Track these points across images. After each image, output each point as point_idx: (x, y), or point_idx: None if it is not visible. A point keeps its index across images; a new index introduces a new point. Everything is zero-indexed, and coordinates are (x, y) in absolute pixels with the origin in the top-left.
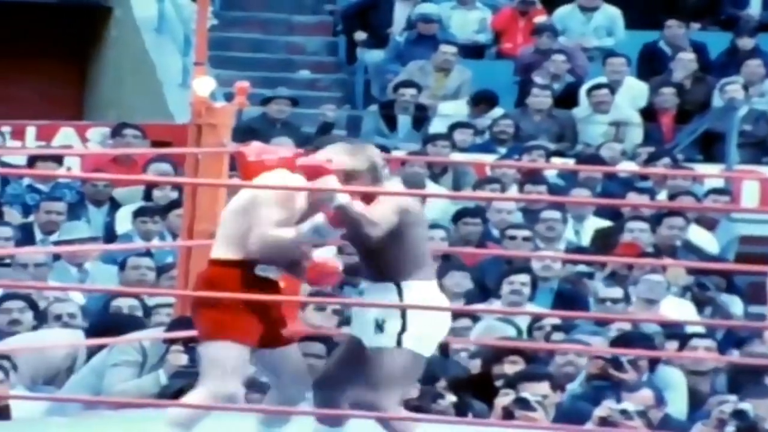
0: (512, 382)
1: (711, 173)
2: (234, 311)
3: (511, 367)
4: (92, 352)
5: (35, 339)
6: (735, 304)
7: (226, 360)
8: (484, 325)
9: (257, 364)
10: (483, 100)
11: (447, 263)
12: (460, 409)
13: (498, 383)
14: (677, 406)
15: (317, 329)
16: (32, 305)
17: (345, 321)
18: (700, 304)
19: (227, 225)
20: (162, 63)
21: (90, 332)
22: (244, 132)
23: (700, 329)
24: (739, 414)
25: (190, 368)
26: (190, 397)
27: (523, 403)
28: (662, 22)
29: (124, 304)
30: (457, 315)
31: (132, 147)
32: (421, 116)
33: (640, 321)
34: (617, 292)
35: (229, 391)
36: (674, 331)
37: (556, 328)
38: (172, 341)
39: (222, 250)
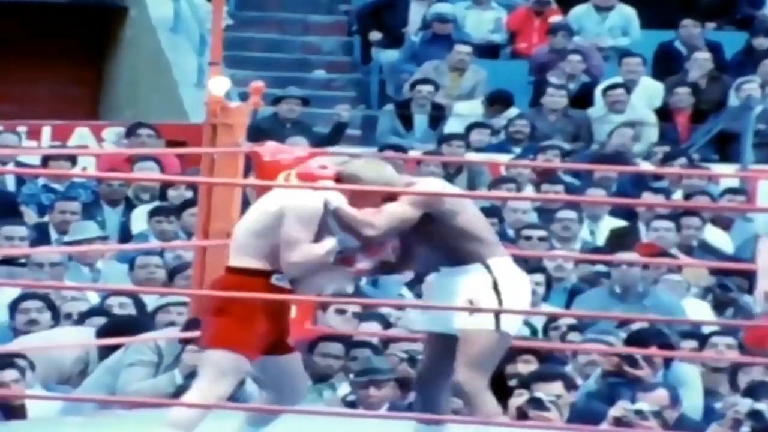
0: (526, 382)
1: (726, 173)
2: (244, 322)
3: (525, 366)
4: (102, 351)
5: (45, 338)
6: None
7: (223, 366)
8: None
9: (258, 370)
10: (498, 100)
11: None
12: None
13: (512, 383)
14: (692, 402)
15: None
16: (50, 305)
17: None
18: (721, 305)
19: (250, 235)
20: (177, 63)
21: (97, 332)
22: (255, 132)
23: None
24: (754, 414)
25: None
26: (184, 400)
27: (537, 403)
28: (677, 22)
29: (114, 303)
30: None
31: (147, 147)
32: (437, 116)
33: (659, 321)
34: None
35: (219, 394)
36: (692, 330)
37: (571, 327)
38: (187, 341)
39: (243, 258)
